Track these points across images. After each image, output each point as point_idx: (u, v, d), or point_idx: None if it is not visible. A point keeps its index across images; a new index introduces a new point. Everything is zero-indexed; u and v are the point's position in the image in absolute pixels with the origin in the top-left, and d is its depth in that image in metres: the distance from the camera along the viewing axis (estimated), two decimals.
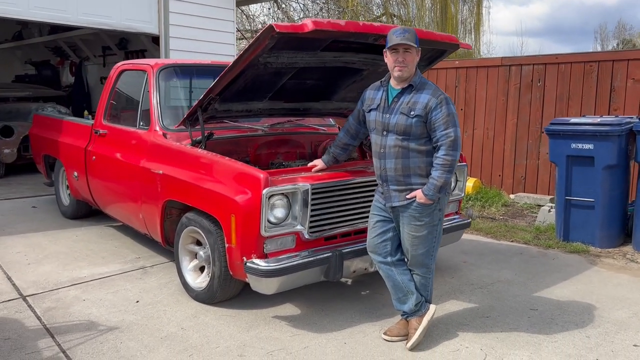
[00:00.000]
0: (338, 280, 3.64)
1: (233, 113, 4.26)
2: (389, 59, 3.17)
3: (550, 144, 5.51)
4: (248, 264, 3.39)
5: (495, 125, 7.41)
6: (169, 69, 4.72)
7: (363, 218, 3.79)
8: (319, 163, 3.75)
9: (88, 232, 5.68)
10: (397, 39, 3.10)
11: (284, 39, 3.36)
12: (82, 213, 6.11)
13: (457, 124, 3.15)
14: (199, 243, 4.00)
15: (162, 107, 4.47)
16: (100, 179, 5.11)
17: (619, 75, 6.47)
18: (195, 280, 3.99)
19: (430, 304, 3.41)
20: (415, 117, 3.13)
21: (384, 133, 3.24)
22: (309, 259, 3.48)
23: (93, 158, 5.15)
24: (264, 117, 4.60)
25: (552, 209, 6.11)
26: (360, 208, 3.80)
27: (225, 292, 3.77)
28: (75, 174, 5.57)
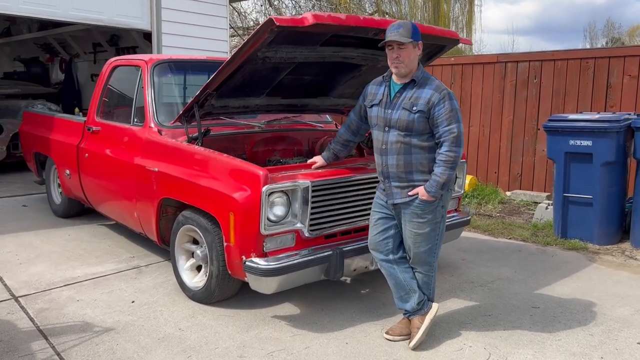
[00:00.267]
0: (338, 279, 3.58)
1: (230, 109, 4.18)
2: (387, 56, 3.13)
3: (548, 141, 5.48)
4: (247, 263, 3.32)
5: (491, 122, 7.38)
6: (164, 65, 4.63)
7: (364, 216, 3.73)
8: (319, 160, 3.68)
9: (80, 230, 5.58)
10: (389, 36, 3.06)
11: (284, 33, 3.30)
12: (74, 211, 6.01)
13: (460, 120, 3.09)
14: (196, 242, 3.92)
15: (157, 103, 4.39)
16: (93, 177, 5.01)
17: (616, 72, 6.46)
18: (192, 280, 3.91)
19: (433, 303, 3.36)
20: (418, 112, 3.07)
21: (386, 129, 3.18)
22: (309, 258, 3.42)
23: (86, 155, 5.05)
24: (261, 113, 4.52)
25: (549, 206, 6.09)
26: (361, 205, 3.74)
27: (223, 291, 3.70)
28: (68, 172, 5.46)
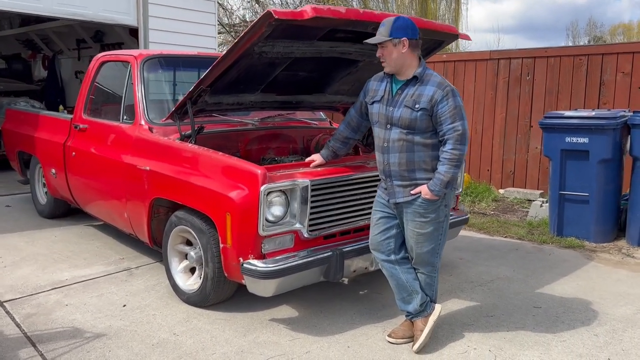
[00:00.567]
0: (338, 281, 3.48)
1: (223, 106, 4.06)
2: None
3: (544, 138, 5.43)
4: (245, 265, 3.21)
5: (484, 120, 7.33)
6: (154, 60, 4.48)
7: (364, 215, 3.64)
8: (318, 158, 3.57)
9: (67, 232, 5.41)
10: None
11: (281, 27, 3.18)
12: (60, 212, 5.83)
13: (464, 117, 3.01)
14: (190, 243, 3.79)
15: (147, 100, 4.24)
16: (81, 176, 4.85)
17: (609, 69, 6.44)
18: (186, 282, 3.78)
19: (436, 304, 3.27)
20: (421, 110, 2.98)
21: (388, 126, 3.09)
22: (309, 259, 3.31)
23: (73, 154, 4.88)
24: (256, 110, 4.40)
25: (543, 204, 6.05)
26: (362, 205, 3.64)
27: (219, 294, 3.58)
28: (53, 171, 5.29)
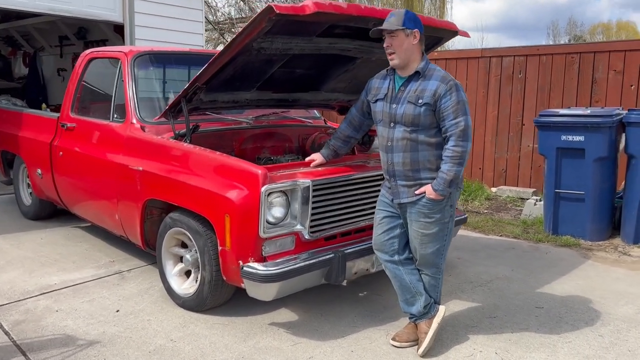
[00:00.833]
0: (339, 284, 3.40)
1: (218, 104, 3.94)
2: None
3: (540, 136, 5.40)
4: (245, 269, 3.10)
5: (476, 118, 7.29)
6: (145, 57, 4.35)
7: (365, 215, 3.56)
8: (318, 157, 3.48)
9: (54, 234, 5.24)
10: (382, 25, 2.91)
11: (281, 22, 3.08)
12: (45, 213, 5.66)
13: (467, 112, 2.93)
14: (185, 245, 3.68)
15: (138, 98, 4.11)
16: (69, 177, 4.70)
17: (601, 67, 6.44)
18: (182, 286, 3.67)
19: (440, 306, 3.20)
20: (424, 105, 2.90)
21: (391, 125, 3.00)
22: (311, 262, 3.22)
23: (60, 154, 4.72)
24: (251, 108, 4.30)
25: (537, 202, 6.04)
26: (364, 205, 3.56)
27: (216, 298, 3.47)
28: (39, 172, 5.12)
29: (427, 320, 3.14)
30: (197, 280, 3.52)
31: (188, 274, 3.69)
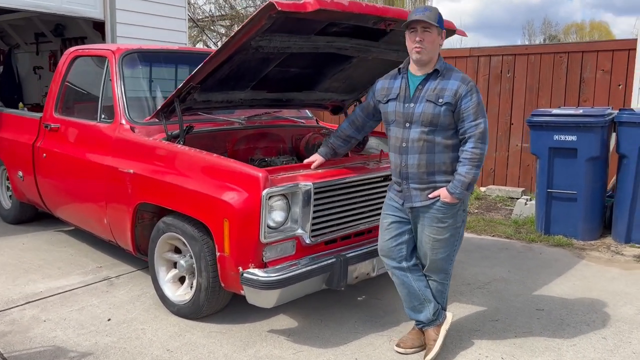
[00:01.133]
0: (340, 289, 3.30)
1: (212, 104, 3.82)
2: (408, 41, 2.84)
3: (532, 136, 5.38)
4: (245, 275, 2.99)
5: None
6: (133, 55, 4.19)
7: (367, 219, 3.49)
8: (318, 158, 3.37)
9: (36, 238, 5.05)
10: (414, 16, 2.77)
11: (281, 20, 2.98)
12: (26, 217, 5.46)
13: (485, 115, 2.85)
14: (178, 250, 3.55)
15: (127, 97, 3.96)
16: (53, 179, 4.52)
17: (589, 67, 6.47)
18: (176, 293, 3.54)
19: (447, 312, 3.13)
20: (445, 104, 2.80)
21: (407, 125, 2.89)
22: (312, 267, 3.12)
23: (43, 155, 4.54)
24: (245, 108, 4.18)
25: (528, 202, 6.03)
26: (365, 208, 3.48)
27: (213, 305, 3.35)
28: (20, 174, 4.92)
29: (435, 327, 3.06)
30: (192, 287, 3.40)
31: (182, 280, 3.57)
